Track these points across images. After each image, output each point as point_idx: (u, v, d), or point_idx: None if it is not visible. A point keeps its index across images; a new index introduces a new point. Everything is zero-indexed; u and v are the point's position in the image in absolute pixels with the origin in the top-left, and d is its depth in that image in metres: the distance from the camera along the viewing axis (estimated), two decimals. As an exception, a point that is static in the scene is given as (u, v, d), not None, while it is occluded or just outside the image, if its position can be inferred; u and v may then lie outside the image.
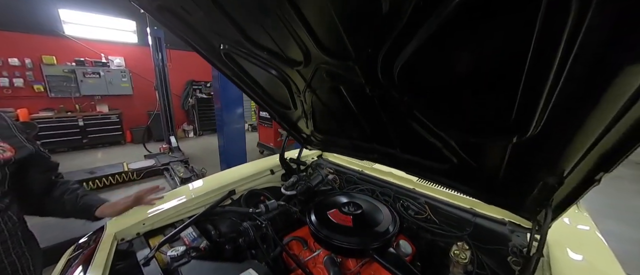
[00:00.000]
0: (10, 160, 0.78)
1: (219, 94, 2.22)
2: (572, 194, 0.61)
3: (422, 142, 0.83)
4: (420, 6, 0.38)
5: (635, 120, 0.39)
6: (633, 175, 4.92)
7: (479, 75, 0.47)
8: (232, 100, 2.31)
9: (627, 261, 2.42)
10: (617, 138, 0.44)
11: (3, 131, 0.82)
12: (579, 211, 1.15)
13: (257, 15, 0.69)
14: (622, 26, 0.27)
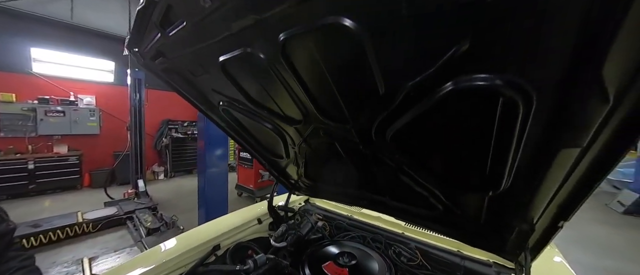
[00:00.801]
0: None
1: (203, 134, 2.19)
2: (543, 238, 0.70)
3: (410, 192, 0.90)
4: (410, 95, 0.48)
5: (578, 181, 0.50)
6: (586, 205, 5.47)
7: (459, 142, 0.57)
8: (217, 141, 2.28)
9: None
10: (567, 193, 0.54)
11: None
12: (550, 247, 1.26)
13: (262, 82, 0.77)
14: (556, 122, 0.39)
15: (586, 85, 0.31)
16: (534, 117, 0.40)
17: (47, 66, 5.42)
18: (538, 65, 0.35)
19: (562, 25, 0.29)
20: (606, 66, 0.29)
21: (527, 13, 0.30)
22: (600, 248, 3.49)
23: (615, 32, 0.27)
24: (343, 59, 0.54)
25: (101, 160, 6.12)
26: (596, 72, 0.29)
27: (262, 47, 0.61)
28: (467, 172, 0.64)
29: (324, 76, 0.60)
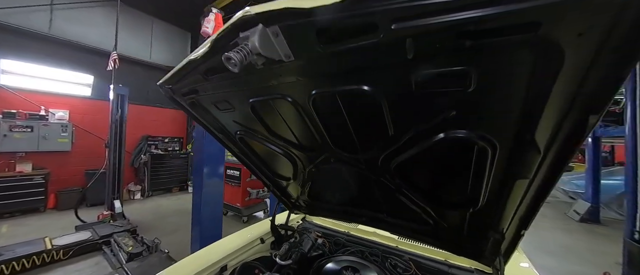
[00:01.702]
0: None
1: (201, 153, 2.22)
2: (511, 244, 0.88)
3: (405, 209, 1.06)
4: (413, 139, 0.65)
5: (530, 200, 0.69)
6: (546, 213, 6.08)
7: (447, 172, 0.75)
8: (214, 160, 2.31)
9: None
10: (525, 209, 0.73)
11: None
12: (518, 253, 1.47)
13: (284, 117, 0.91)
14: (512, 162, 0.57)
15: (527, 143, 0.50)
16: (497, 159, 0.58)
17: (17, 78, 5.08)
18: (499, 128, 0.53)
19: (511, 108, 0.48)
20: (537, 132, 0.48)
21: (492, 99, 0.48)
22: (561, 252, 3.88)
23: (540, 114, 0.45)
24: (361, 109, 0.70)
25: (70, 179, 5.67)
26: (532, 136, 0.48)
27: (293, 96, 0.76)
28: (453, 194, 0.82)
29: (343, 118, 0.76)
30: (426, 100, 0.56)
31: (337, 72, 0.60)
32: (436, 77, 0.50)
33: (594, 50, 0.33)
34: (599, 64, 0.33)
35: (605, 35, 0.31)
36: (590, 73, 0.35)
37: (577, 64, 0.35)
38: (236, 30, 0.54)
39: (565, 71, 0.36)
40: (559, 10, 0.30)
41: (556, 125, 0.44)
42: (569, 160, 0.48)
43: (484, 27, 0.35)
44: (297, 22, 0.46)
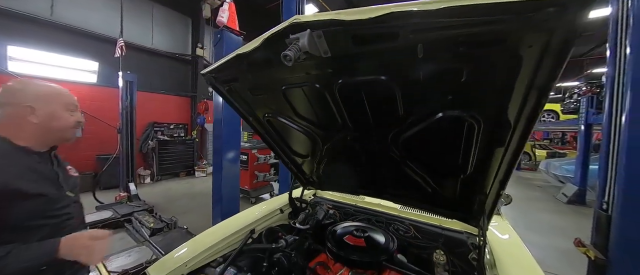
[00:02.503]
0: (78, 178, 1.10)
1: (220, 137, 2.41)
2: (493, 204, 1.10)
3: (408, 180, 1.27)
4: (417, 117, 0.84)
5: (506, 165, 0.89)
6: (537, 197, 6.44)
7: (444, 145, 0.94)
8: (233, 144, 2.51)
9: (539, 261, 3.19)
10: (503, 173, 0.94)
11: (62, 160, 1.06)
12: (503, 223, 1.71)
13: (312, 102, 1.10)
14: (493, 134, 0.77)
15: (502, 120, 0.69)
16: (482, 132, 0.78)
17: (25, 65, 5.15)
18: (483, 109, 0.73)
19: (491, 94, 0.67)
20: (508, 111, 0.67)
21: (477, 88, 0.67)
22: (547, 230, 4.22)
23: (509, 98, 0.64)
24: (378, 95, 0.89)
25: (82, 164, 5.89)
26: (505, 115, 0.67)
27: (322, 83, 0.95)
28: (448, 164, 1.03)
29: (362, 102, 0.95)
30: (430, 87, 0.75)
31: (362, 65, 0.79)
32: (438, 71, 0.68)
33: (539, 57, 0.51)
34: (543, 65, 0.52)
35: (544, 47, 0.49)
36: (537, 71, 0.53)
37: (529, 65, 0.53)
38: (287, 33, 0.72)
39: (523, 70, 0.55)
40: (515, 31, 0.48)
41: (520, 106, 0.63)
42: (531, 130, 0.67)
43: (470, 40, 0.53)
44: (338, 29, 0.64)
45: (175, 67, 8.30)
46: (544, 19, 0.44)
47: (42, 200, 0.85)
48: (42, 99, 0.90)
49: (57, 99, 0.93)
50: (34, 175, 0.86)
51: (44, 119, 0.89)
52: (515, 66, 0.56)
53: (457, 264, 1.33)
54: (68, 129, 0.95)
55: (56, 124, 0.91)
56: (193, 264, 1.23)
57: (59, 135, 0.94)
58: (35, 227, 0.83)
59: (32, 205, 0.83)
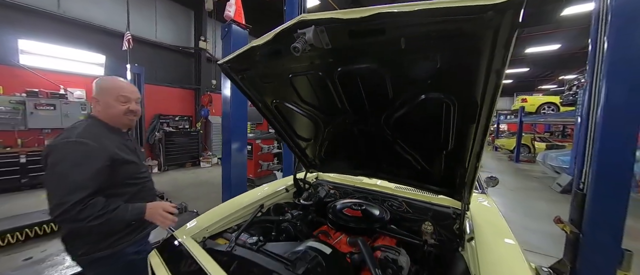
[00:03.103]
0: None
1: (228, 128, 2.59)
2: (472, 176, 1.26)
3: (400, 160, 1.44)
4: (404, 99, 1.00)
5: (479, 139, 1.06)
6: (534, 187, 6.61)
7: (428, 124, 1.11)
8: (241, 135, 2.69)
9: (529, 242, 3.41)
10: (478, 147, 1.10)
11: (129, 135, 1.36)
12: (488, 200, 1.88)
13: (315, 89, 1.26)
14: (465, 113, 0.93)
15: (471, 100, 0.85)
16: (457, 111, 0.94)
17: (35, 58, 5.31)
18: (456, 91, 0.89)
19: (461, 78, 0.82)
20: (475, 92, 0.83)
21: (450, 73, 0.83)
22: (540, 216, 4.41)
23: (475, 81, 0.80)
24: (371, 81, 1.05)
25: (93, 154, 6.10)
26: (473, 96, 0.83)
27: (324, 71, 1.10)
28: (433, 141, 1.19)
29: (358, 88, 1.11)
30: (413, 73, 0.91)
31: (357, 56, 0.94)
32: (418, 59, 0.84)
33: (491, 47, 0.66)
34: (495, 54, 0.67)
35: (494, 40, 0.64)
36: (492, 58, 0.68)
37: (485, 54, 0.69)
38: (295, 28, 0.87)
39: (482, 57, 0.70)
40: (471, 28, 0.64)
41: (483, 88, 0.79)
42: (494, 108, 0.83)
43: (441, 34, 0.69)
44: (337, 25, 0.80)
45: (179, 60, 8.42)
46: (489, 19, 0.60)
47: (133, 166, 1.20)
48: (102, 92, 1.17)
49: (112, 92, 1.17)
50: (126, 148, 1.20)
51: (103, 108, 1.17)
52: (476, 55, 0.71)
53: (443, 234, 1.51)
54: (120, 116, 1.19)
55: (110, 111, 1.17)
56: (212, 229, 1.42)
57: (116, 120, 1.19)
58: (129, 184, 1.18)
59: (127, 169, 1.17)
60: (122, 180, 1.15)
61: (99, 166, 1.04)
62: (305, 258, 1.03)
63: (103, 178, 1.06)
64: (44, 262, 2.26)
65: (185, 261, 1.11)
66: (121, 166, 1.13)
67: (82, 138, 1.04)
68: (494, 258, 1.05)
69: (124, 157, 1.14)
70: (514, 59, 15.73)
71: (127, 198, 1.16)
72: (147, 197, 1.27)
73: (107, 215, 1.01)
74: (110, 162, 1.08)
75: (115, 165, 1.10)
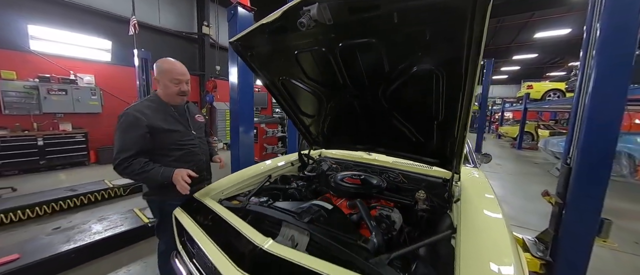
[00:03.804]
0: (204, 122, 1.73)
1: (236, 113, 2.76)
2: (460, 146, 1.39)
3: (397, 133, 1.57)
4: (399, 72, 1.11)
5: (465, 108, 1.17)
6: (534, 172, 6.71)
7: (420, 95, 1.22)
8: (248, 119, 2.85)
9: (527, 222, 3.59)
10: (464, 117, 1.22)
11: (198, 110, 1.73)
12: (479, 173, 2.02)
13: (319, 65, 1.37)
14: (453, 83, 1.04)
15: (456, 69, 0.97)
16: (445, 81, 1.05)
17: (44, 44, 5.43)
18: (443, 62, 1.00)
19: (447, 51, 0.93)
20: (459, 62, 0.94)
21: (438, 46, 0.94)
22: (535, 197, 4.55)
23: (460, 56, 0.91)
24: (369, 55, 1.16)
25: (104, 138, 6.34)
26: (458, 65, 0.94)
27: (327, 47, 1.21)
28: (425, 112, 1.31)
29: (358, 63, 1.22)
30: (405, 46, 1.02)
31: (356, 31, 1.05)
32: (409, 33, 0.95)
33: (470, 20, 0.77)
34: (474, 26, 0.78)
35: (472, 13, 0.75)
36: (472, 30, 0.79)
37: (465, 26, 0.80)
38: (301, 5, 0.98)
39: (463, 29, 0.81)
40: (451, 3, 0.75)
41: (466, 58, 0.90)
42: (476, 78, 0.94)
43: (428, 9, 0.80)
44: (338, 2, 0.91)
45: (183, 46, 8.45)
46: (467, -8, 0.70)
47: (177, 134, 1.46)
48: (160, 74, 1.45)
49: (167, 74, 1.44)
50: (171, 119, 1.47)
51: (162, 87, 1.47)
52: (459, 26, 0.82)
53: (434, 201, 1.66)
54: (173, 95, 1.47)
55: (167, 91, 1.47)
56: (226, 193, 1.59)
57: (170, 98, 1.49)
58: (174, 149, 1.45)
59: (171, 136, 1.43)
60: (167, 145, 1.43)
61: (140, 133, 1.32)
62: (310, 211, 1.20)
63: (144, 142, 1.34)
64: (72, 230, 2.50)
65: (205, 214, 1.29)
66: (163, 134, 1.40)
67: (132, 110, 1.35)
68: (475, 213, 1.20)
69: (164, 127, 1.40)
70: (522, 44, 15.33)
71: (173, 159, 1.44)
72: (192, 160, 1.54)
73: (144, 174, 1.30)
74: (150, 130, 1.35)
75: (155, 133, 1.37)
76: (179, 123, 1.51)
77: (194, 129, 1.60)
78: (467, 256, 0.85)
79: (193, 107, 1.71)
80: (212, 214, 1.27)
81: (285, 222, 1.13)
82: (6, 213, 2.89)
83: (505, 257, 0.85)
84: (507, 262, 0.82)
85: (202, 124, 1.71)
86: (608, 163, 1.77)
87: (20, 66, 5.19)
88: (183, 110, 1.59)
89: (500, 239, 0.97)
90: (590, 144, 1.80)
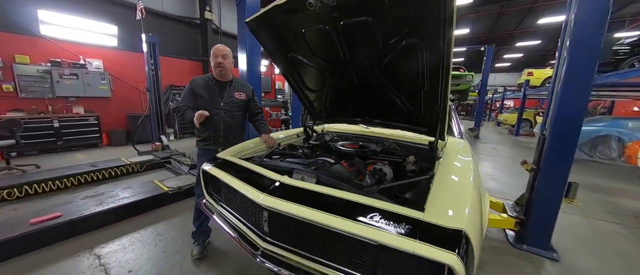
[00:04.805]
0: (245, 100, 2.09)
1: None
2: (443, 114, 1.63)
3: (391, 103, 1.81)
4: (391, 45, 1.34)
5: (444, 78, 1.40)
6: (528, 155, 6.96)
7: (409, 67, 1.45)
8: None
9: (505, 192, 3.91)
10: (444, 86, 1.46)
11: (242, 87, 2.11)
12: (464, 143, 2.27)
13: (323, 43, 1.60)
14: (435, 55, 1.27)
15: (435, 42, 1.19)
16: (428, 54, 1.28)
17: (54, 29, 5.58)
18: (425, 36, 1.22)
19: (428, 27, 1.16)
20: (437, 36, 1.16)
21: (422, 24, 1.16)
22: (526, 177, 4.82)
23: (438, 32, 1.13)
24: (366, 32, 1.38)
25: (115, 122, 6.61)
26: (437, 38, 1.16)
27: (330, 25, 1.43)
28: (413, 81, 1.54)
29: (357, 40, 1.45)
30: (395, 23, 1.24)
31: (355, 10, 1.27)
32: (398, 11, 1.17)
33: (442, 8, 0.99)
34: (447, 4, 1.00)
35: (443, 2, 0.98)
36: (446, 7, 1.02)
37: (441, 5, 1.02)
38: (309, -12, 1.19)
39: (439, 9, 1.03)
40: None
41: (443, 33, 1.12)
42: (451, 50, 1.16)
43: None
44: (340, -15, 1.12)
45: (186, 32, 8.53)
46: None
47: (204, 100, 1.94)
48: (210, 55, 1.97)
49: (212, 53, 1.96)
50: (207, 89, 1.97)
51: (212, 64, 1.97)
52: (434, 7, 1.04)
53: (422, 164, 1.93)
54: (214, 68, 1.97)
55: (212, 67, 1.97)
56: (244, 154, 1.86)
57: (214, 72, 2.00)
58: (205, 108, 1.90)
59: (202, 101, 1.94)
60: (201, 107, 1.91)
61: (188, 94, 1.96)
62: (316, 163, 1.46)
63: (189, 100, 1.95)
64: (102, 196, 2.81)
65: (229, 165, 1.56)
66: (197, 98, 1.96)
67: (193, 79, 2.01)
68: (451, 166, 1.46)
69: (198, 93, 1.95)
70: (526, 31, 15.16)
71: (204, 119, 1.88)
72: (215, 124, 1.99)
73: (184, 116, 1.94)
74: (191, 93, 1.96)
75: (194, 95, 1.96)
76: (213, 94, 1.98)
77: (224, 101, 2.01)
78: (436, 193, 1.10)
79: (238, 85, 2.10)
80: (234, 165, 1.55)
81: (296, 169, 1.40)
82: (38, 183, 3.20)
83: (464, 196, 1.10)
84: (464, 199, 1.07)
85: (237, 100, 2.06)
86: (576, 132, 2.03)
87: (32, 51, 5.37)
88: (224, 86, 2.03)
89: (465, 183, 1.24)
90: (562, 115, 2.05)
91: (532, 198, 2.29)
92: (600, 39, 1.87)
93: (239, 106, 2.07)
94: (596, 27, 1.86)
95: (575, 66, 1.96)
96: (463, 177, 1.32)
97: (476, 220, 1.01)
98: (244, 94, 2.10)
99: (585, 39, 1.90)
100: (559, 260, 2.18)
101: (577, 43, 1.94)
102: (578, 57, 1.95)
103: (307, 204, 1.05)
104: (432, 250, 0.78)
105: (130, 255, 2.08)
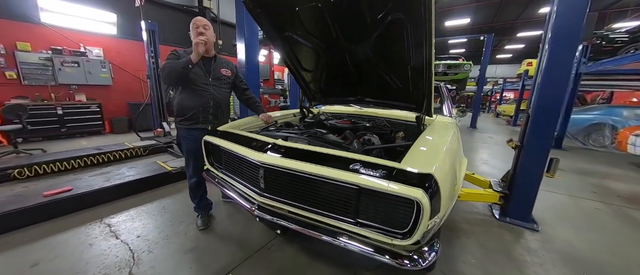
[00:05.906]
0: (231, 77, 2.06)
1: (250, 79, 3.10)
2: (428, 89, 1.74)
3: (381, 81, 1.91)
4: (378, 21, 1.44)
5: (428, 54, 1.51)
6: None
7: (396, 43, 1.55)
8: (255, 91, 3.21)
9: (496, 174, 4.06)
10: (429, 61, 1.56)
11: (227, 64, 2.07)
12: (452, 121, 2.39)
13: (317, 21, 1.69)
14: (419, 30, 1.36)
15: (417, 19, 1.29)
16: (412, 30, 1.38)
17: (53, 16, 5.61)
18: (409, 11, 1.32)
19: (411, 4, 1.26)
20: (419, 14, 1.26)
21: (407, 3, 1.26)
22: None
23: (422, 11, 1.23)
24: (355, 8, 1.47)
25: (116, 110, 6.71)
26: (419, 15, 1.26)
27: (322, 2, 1.52)
28: (400, 57, 1.64)
29: (347, 17, 1.54)
30: (382, 3, 1.34)
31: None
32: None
33: None
34: None
35: None
36: None
37: None
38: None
39: None
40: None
41: (424, 14, 1.22)
42: (432, 27, 1.26)
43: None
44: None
45: (185, 20, 8.50)
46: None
47: (196, 73, 1.84)
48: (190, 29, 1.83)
49: (194, 24, 1.81)
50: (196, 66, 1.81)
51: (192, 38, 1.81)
52: None
53: (411, 139, 2.05)
54: (196, 44, 1.73)
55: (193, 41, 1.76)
56: (242, 129, 1.99)
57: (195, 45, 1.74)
58: (194, 83, 1.85)
59: (193, 73, 1.81)
60: (192, 81, 1.85)
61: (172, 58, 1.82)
62: (309, 132, 1.59)
63: None
64: (109, 174, 2.95)
65: (228, 135, 1.69)
66: (190, 71, 1.79)
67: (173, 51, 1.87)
68: (431, 133, 1.59)
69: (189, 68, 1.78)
70: (528, 21, 15.01)
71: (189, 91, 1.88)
72: (205, 100, 1.92)
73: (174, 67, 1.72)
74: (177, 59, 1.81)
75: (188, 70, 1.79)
76: (201, 69, 1.88)
77: (212, 77, 1.95)
78: (412, 152, 1.23)
79: (222, 62, 2.03)
80: (233, 134, 1.67)
81: (290, 137, 1.52)
82: (47, 164, 3.34)
83: (437, 154, 1.22)
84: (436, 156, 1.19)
85: (224, 76, 2.02)
86: (556, 112, 2.15)
87: (32, 38, 5.41)
88: (209, 61, 1.95)
89: (440, 145, 1.37)
90: (544, 97, 2.17)
91: (516, 173, 2.42)
92: (579, 32, 1.97)
93: (226, 82, 2.04)
94: (575, 22, 1.97)
95: (555, 54, 2.09)
96: (440, 141, 1.45)
97: (447, 173, 1.14)
98: (230, 70, 2.06)
99: (565, 32, 2.03)
100: (538, 230, 2.33)
101: (559, 35, 2.05)
102: (558, 47, 2.07)
103: (299, 160, 1.17)
104: (403, 188, 0.91)
105: (138, 224, 2.24)
